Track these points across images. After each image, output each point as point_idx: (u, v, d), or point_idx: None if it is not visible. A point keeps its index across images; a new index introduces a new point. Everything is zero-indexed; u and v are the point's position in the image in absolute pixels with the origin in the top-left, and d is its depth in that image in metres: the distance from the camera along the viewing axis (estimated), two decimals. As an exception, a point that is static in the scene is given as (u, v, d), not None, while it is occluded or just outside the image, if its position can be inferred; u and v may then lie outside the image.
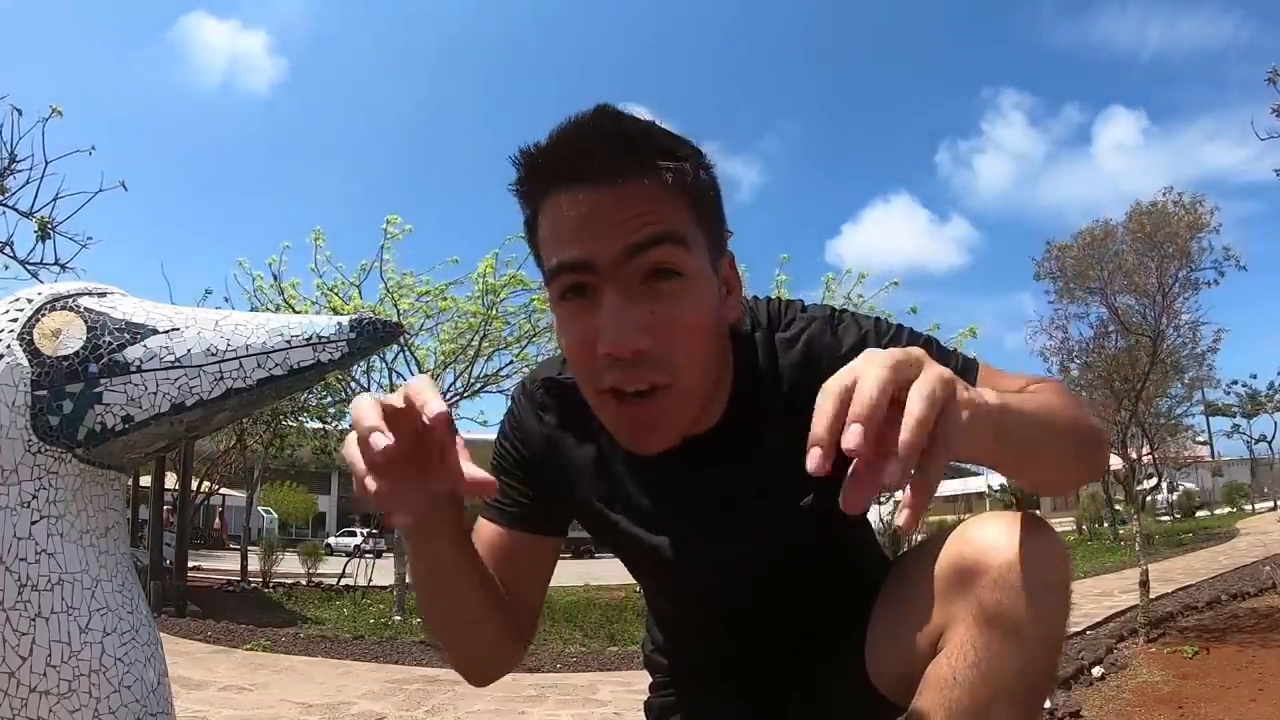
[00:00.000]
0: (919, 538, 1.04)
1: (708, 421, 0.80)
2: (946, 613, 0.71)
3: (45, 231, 3.25)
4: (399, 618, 6.50)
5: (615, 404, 0.72)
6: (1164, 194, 5.16)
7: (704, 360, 0.73)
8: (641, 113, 0.73)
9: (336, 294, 6.72)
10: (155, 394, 0.81)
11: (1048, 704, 2.69)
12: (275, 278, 6.93)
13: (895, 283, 7.99)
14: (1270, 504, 22.49)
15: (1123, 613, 4.97)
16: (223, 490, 15.31)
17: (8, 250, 3.32)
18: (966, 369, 0.78)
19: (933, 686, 0.70)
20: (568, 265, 0.70)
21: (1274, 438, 20.56)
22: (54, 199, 3.30)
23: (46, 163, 3.30)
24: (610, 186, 0.68)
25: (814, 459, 0.50)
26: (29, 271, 3.33)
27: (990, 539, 0.69)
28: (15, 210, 3.28)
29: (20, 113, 3.28)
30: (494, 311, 6.83)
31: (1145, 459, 7.58)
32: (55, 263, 3.33)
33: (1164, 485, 17.33)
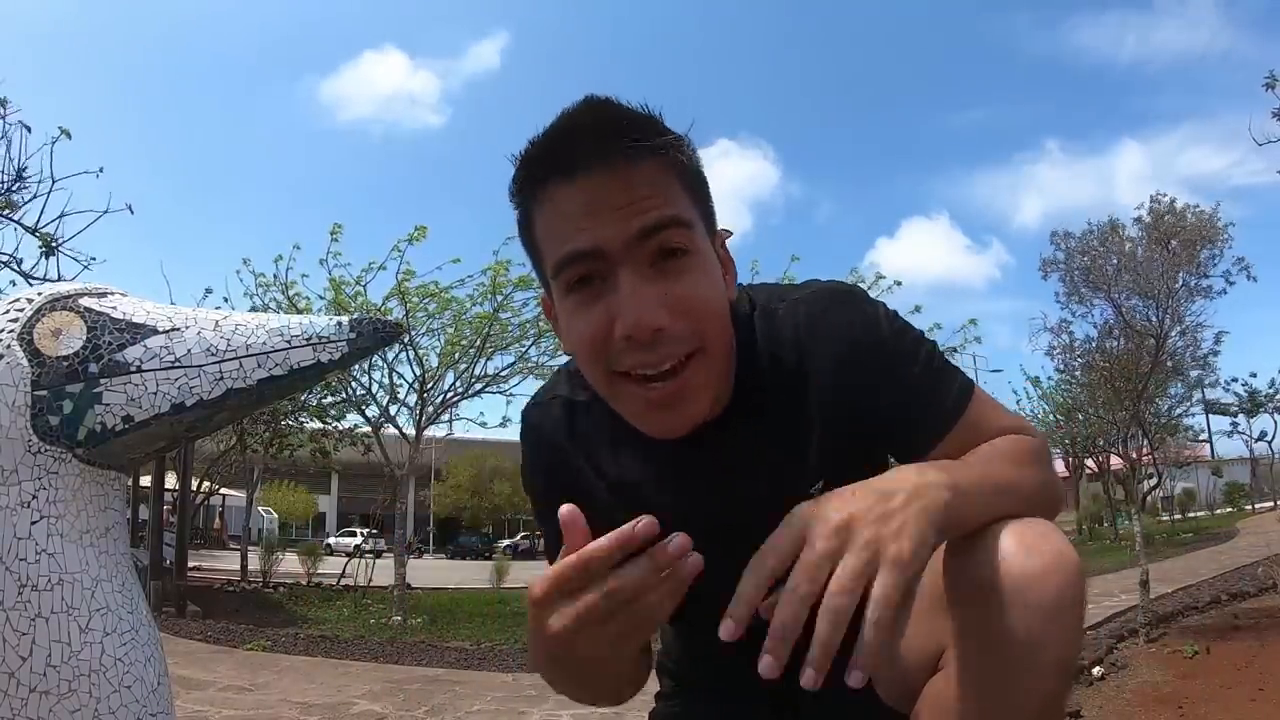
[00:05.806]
0: None
1: (718, 407, 0.78)
2: (948, 627, 0.66)
3: (50, 247, 3.28)
4: (399, 618, 6.49)
5: (636, 386, 0.70)
6: (1184, 203, 5.24)
7: (723, 332, 0.73)
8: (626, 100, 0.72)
9: (343, 290, 6.74)
10: (155, 394, 0.81)
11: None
12: (284, 283, 6.97)
13: (898, 282, 8.16)
14: (1270, 504, 22.46)
15: (1123, 613, 4.98)
16: (223, 490, 15.31)
17: (12, 264, 3.36)
18: (961, 394, 0.77)
19: (932, 707, 0.67)
20: (579, 254, 0.69)
21: (1274, 437, 20.51)
22: (59, 215, 3.35)
23: (54, 180, 3.37)
24: (610, 172, 0.68)
25: (726, 630, 0.55)
26: (30, 285, 3.37)
27: (1001, 550, 0.63)
28: (27, 230, 3.33)
29: (29, 130, 3.33)
30: (498, 313, 6.83)
31: (1145, 459, 7.58)
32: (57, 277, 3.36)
33: (1165, 483, 17.34)
